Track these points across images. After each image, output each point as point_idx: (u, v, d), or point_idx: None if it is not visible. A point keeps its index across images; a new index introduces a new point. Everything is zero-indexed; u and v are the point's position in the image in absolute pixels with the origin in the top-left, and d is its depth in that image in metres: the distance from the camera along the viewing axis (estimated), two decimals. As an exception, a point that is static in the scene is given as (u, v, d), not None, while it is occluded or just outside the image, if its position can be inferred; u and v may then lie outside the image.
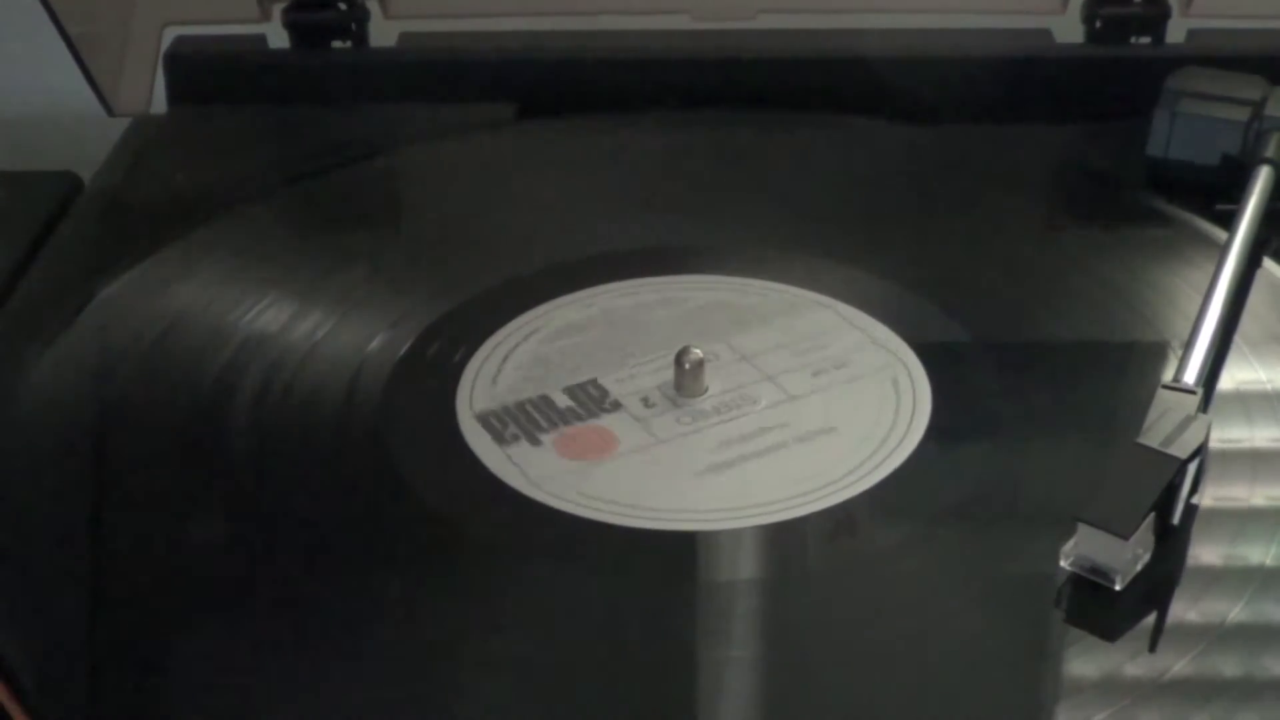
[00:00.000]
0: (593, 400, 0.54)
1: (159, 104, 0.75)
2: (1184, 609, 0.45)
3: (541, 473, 0.50)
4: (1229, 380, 0.54)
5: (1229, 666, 0.44)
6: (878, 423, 0.53)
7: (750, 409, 0.53)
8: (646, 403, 0.54)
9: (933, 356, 0.56)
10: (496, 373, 0.55)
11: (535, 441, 0.51)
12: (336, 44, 0.76)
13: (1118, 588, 0.45)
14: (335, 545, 0.48)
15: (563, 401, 0.53)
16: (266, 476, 0.51)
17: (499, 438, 0.51)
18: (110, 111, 0.73)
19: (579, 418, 0.53)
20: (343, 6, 0.76)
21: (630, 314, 0.59)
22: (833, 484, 0.50)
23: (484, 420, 0.52)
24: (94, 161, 0.70)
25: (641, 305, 0.59)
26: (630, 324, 0.58)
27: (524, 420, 0.52)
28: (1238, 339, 0.56)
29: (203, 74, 0.75)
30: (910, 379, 0.55)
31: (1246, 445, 0.51)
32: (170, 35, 0.75)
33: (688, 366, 0.54)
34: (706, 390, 0.54)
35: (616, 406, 0.53)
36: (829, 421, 0.53)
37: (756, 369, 0.55)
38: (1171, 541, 0.47)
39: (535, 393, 0.54)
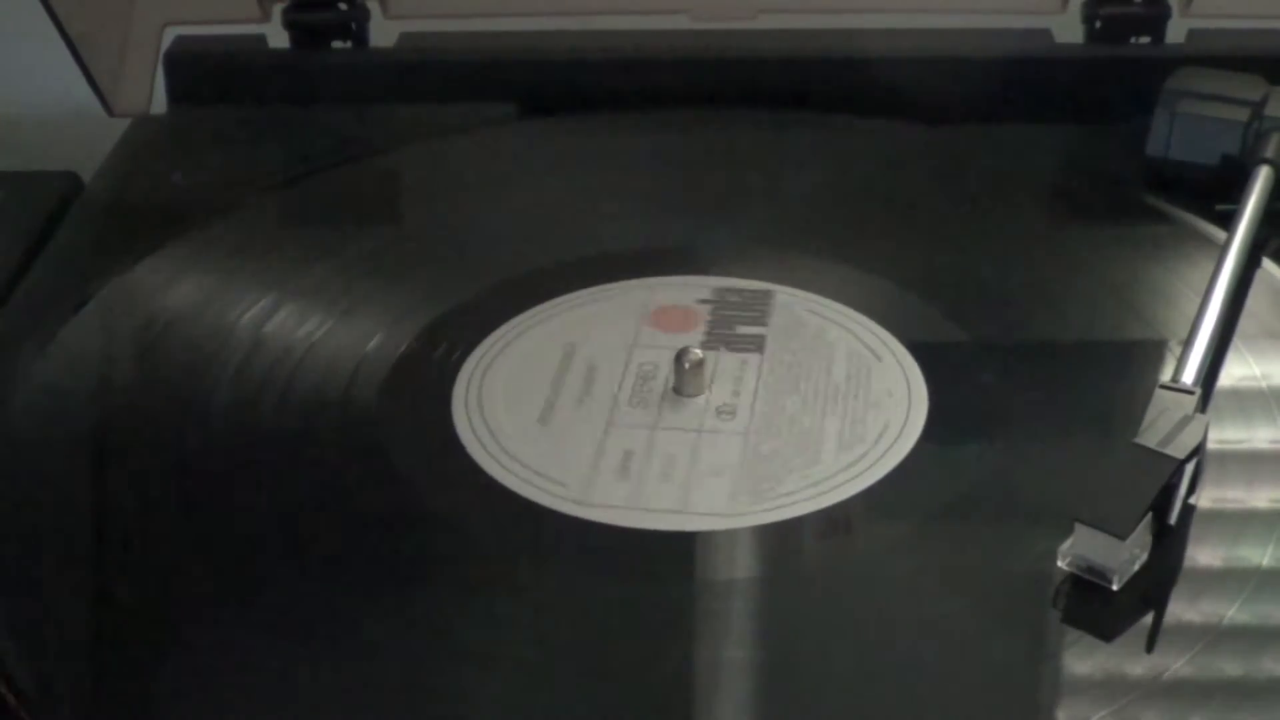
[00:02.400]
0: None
1: (159, 104, 0.75)
2: (1181, 609, 0.45)
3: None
4: (1227, 380, 0.54)
5: (1227, 666, 0.44)
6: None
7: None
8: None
9: (930, 356, 0.56)
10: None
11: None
12: (336, 44, 0.76)
13: (1115, 587, 0.45)
14: (332, 545, 0.48)
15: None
16: (265, 476, 0.51)
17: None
18: (110, 111, 0.73)
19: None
20: (343, 6, 0.76)
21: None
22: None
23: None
24: (94, 161, 0.71)
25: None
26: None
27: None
28: (1236, 339, 0.56)
29: (203, 74, 0.75)
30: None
31: (1244, 445, 0.51)
32: (170, 35, 0.75)
33: (688, 366, 0.54)
34: (706, 390, 0.54)
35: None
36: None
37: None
38: (1169, 541, 0.47)
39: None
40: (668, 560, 0.48)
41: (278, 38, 0.76)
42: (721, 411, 0.53)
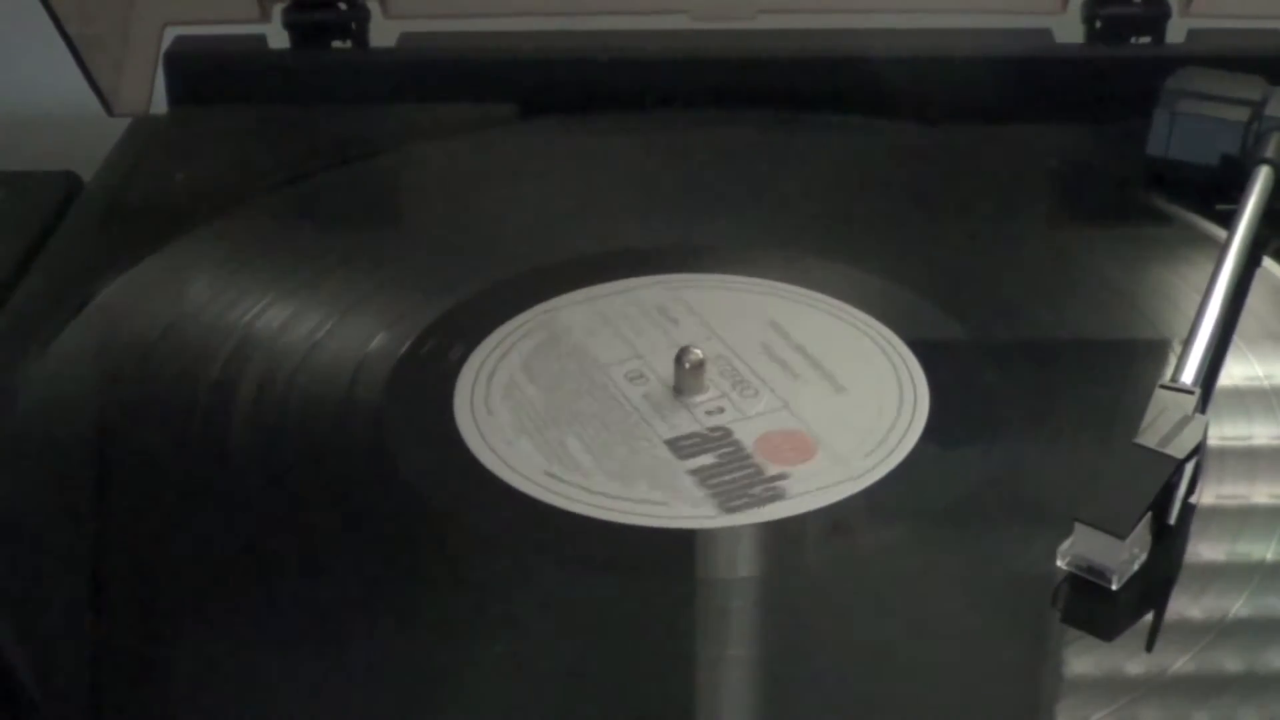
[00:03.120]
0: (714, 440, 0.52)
1: (159, 104, 0.75)
2: (1181, 608, 0.45)
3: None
4: (1227, 380, 0.54)
5: (1227, 665, 0.44)
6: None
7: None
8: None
9: (931, 356, 0.56)
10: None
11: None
12: (336, 44, 0.76)
13: (1114, 587, 0.45)
14: (334, 544, 0.48)
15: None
16: (266, 476, 0.51)
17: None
18: (110, 111, 0.73)
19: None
20: (343, 6, 0.76)
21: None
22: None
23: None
24: (94, 161, 0.71)
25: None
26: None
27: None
28: (1236, 339, 0.56)
29: (203, 74, 0.75)
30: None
31: (1244, 445, 0.51)
32: (170, 35, 0.75)
33: (688, 366, 0.54)
34: (706, 390, 0.54)
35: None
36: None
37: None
38: (1168, 541, 0.47)
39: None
40: (669, 559, 0.48)
41: (278, 38, 0.76)
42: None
